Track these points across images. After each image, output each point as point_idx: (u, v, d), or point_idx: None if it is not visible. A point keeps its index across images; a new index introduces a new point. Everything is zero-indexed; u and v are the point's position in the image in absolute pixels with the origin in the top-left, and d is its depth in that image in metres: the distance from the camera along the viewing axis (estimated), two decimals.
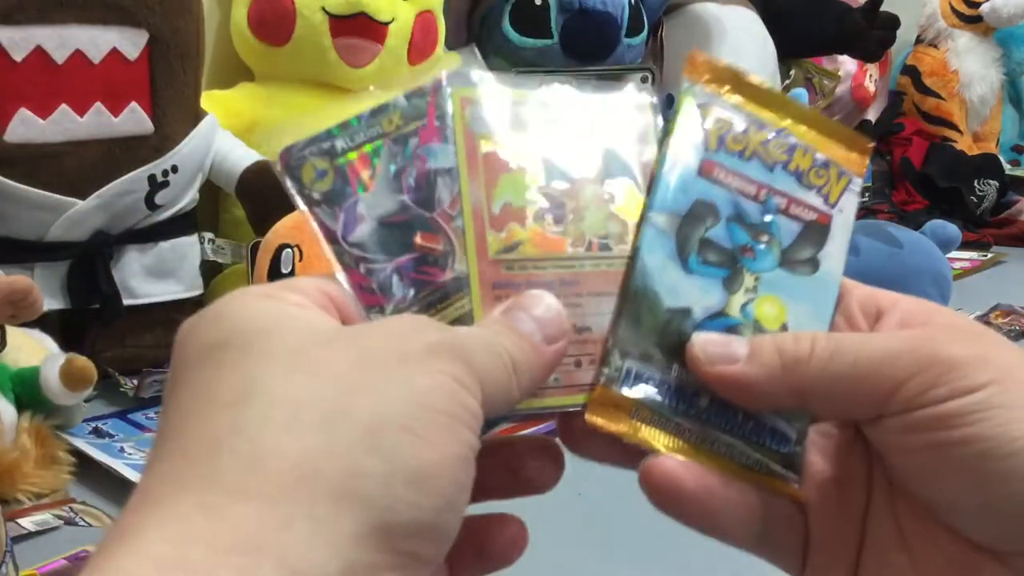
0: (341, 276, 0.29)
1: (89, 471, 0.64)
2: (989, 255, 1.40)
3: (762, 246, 0.33)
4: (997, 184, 1.57)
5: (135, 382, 0.79)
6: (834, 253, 0.34)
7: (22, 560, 0.51)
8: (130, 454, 0.67)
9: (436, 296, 0.30)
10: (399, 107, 0.30)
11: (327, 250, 0.30)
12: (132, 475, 0.62)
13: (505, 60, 1.28)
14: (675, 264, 0.32)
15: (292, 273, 0.61)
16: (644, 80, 1.26)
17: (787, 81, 1.52)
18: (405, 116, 0.30)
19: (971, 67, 1.80)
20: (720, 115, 0.34)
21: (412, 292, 0.30)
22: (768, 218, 0.34)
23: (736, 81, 0.34)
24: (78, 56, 0.79)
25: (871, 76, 1.76)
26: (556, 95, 0.33)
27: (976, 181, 1.56)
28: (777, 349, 0.30)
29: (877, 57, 1.60)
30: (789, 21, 1.48)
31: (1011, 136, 1.97)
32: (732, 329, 0.32)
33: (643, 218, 0.32)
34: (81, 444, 0.67)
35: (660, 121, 0.34)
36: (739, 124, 0.34)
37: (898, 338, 0.30)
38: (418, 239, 0.30)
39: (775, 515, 0.31)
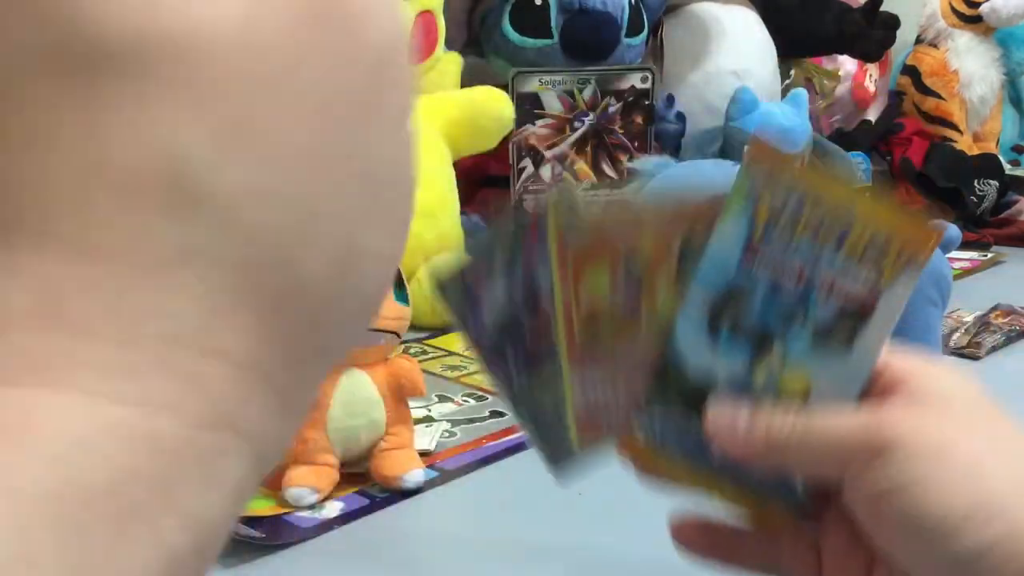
0: (481, 365, 0.38)
1: None
2: (989, 255, 1.40)
3: (795, 328, 0.35)
4: (997, 184, 1.57)
5: None
6: (875, 332, 0.35)
7: None
8: None
9: (542, 379, 0.38)
10: (507, 235, 0.37)
11: (473, 352, 0.38)
12: None
13: (505, 60, 1.28)
14: (705, 339, 0.36)
15: None
16: (644, 80, 1.26)
17: (787, 81, 1.52)
18: (515, 237, 0.37)
19: (971, 67, 1.80)
20: (773, 200, 0.34)
21: (527, 375, 0.38)
22: (807, 300, 0.35)
23: (796, 165, 0.35)
24: None
25: (871, 76, 1.76)
26: (633, 200, 0.39)
27: (976, 181, 1.56)
28: (766, 427, 0.35)
29: (877, 57, 1.60)
30: (789, 21, 1.48)
31: (1011, 136, 1.97)
32: (753, 395, 0.36)
33: (681, 293, 0.36)
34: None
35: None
36: (793, 205, 0.34)
37: (852, 420, 0.34)
38: (527, 337, 0.37)
39: (790, 562, 0.37)
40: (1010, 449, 0.34)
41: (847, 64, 1.71)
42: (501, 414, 0.76)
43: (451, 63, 1.24)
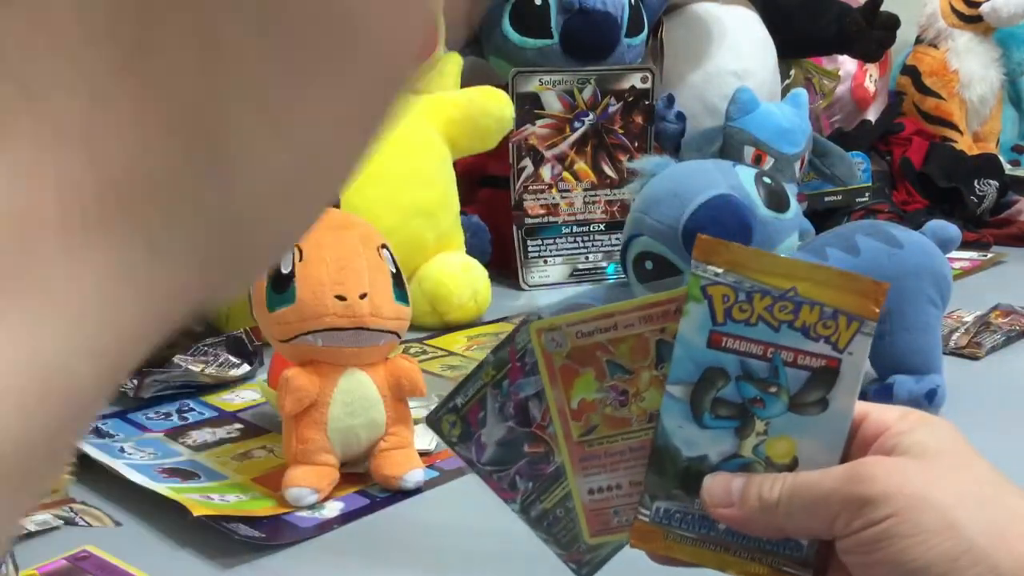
0: (485, 483, 0.42)
1: (89, 471, 0.64)
2: (989, 255, 1.40)
3: (771, 396, 0.38)
4: (997, 184, 1.57)
5: (135, 382, 0.79)
6: (844, 392, 0.38)
7: (22, 560, 0.51)
8: (130, 454, 0.67)
9: (546, 483, 0.41)
10: (490, 362, 0.40)
11: (474, 471, 0.42)
12: (132, 475, 0.62)
13: (505, 60, 1.28)
14: (690, 423, 0.39)
15: (292, 273, 0.61)
16: (644, 80, 1.26)
17: (787, 81, 1.52)
18: (496, 367, 0.40)
19: (971, 67, 1.80)
20: (726, 290, 0.38)
21: (531, 484, 0.41)
22: (776, 372, 0.38)
23: (740, 255, 0.38)
24: None
25: (871, 76, 1.76)
26: (612, 312, 0.40)
27: (976, 181, 1.56)
28: (756, 493, 0.38)
29: (877, 57, 1.60)
30: (789, 21, 1.48)
31: (1011, 136, 1.97)
32: (745, 467, 0.39)
33: (662, 386, 0.39)
34: (81, 444, 0.67)
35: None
36: (743, 295, 0.38)
37: (832, 478, 0.37)
38: (526, 448, 0.41)
39: None
40: (987, 496, 0.36)
41: (847, 64, 1.71)
42: None
43: (451, 63, 1.24)
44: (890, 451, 0.37)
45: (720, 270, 0.38)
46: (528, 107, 1.21)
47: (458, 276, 1.04)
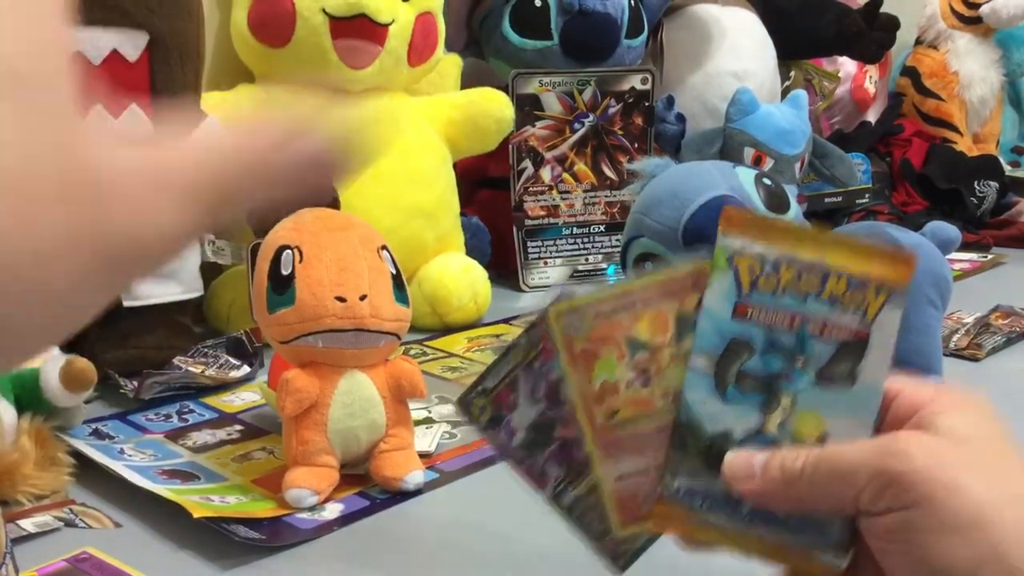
0: (515, 471, 0.41)
1: (89, 473, 0.64)
2: (989, 256, 1.40)
3: (797, 369, 0.37)
4: (997, 185, 1.57)
5: (135, 384, 0.79)
6: (874, 365, 0.37)
7: (22, 561, 0.51)
8: (130, 456, 0.67)
9: (577, 469, 0.40)
10: (521, 343, 0.40)
11: (503, 458, 0.41)
12: (132, 477, 0.62)
13: (505, 62, 1.28)
14: (714, 397, 0.38)
15: (292, 275, 0.61)
16: (644, 82, 1.26)
17: (787, 82, 1.52)
18: (528, 348, 0.40)
19: (971, 68, 1.80)
20: (751, 261, 0.37)
21: (562, 471, 0.40)
22: (802, 344, 0.37)
23: (767, 226, 0.37)
24: (78, 57, 0.79)
25: (871, 77, 1.76)
26: (631, 289, 0.39)
27: (976, 182, 1.56)
28: (779, 465, 0.36)
29: (877, 58, 1.60)
30: (789, 22, 1.48)
31: (1011, 137, 1.97)
32: (770, 444, 0.37)
33: (684, 360, 0.38)
34: (81, 446, 0.67)
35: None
36: (769, 266, 0.37)
37: (863, 450, 0.35)
38: (558, 432, 0.40)
39: None
40: (1018, 493, 0.34)
41: (847, 65, 1.71)
42: None
43: (451, 64, 1.24)
44: (925, 430, 0.35)
45: (746, 240, 0.37)
46: (528, 108, 1.22)
47: (458, 277, 1.04)
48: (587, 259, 1.25)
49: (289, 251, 0.61)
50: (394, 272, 0.63)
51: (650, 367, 0.39)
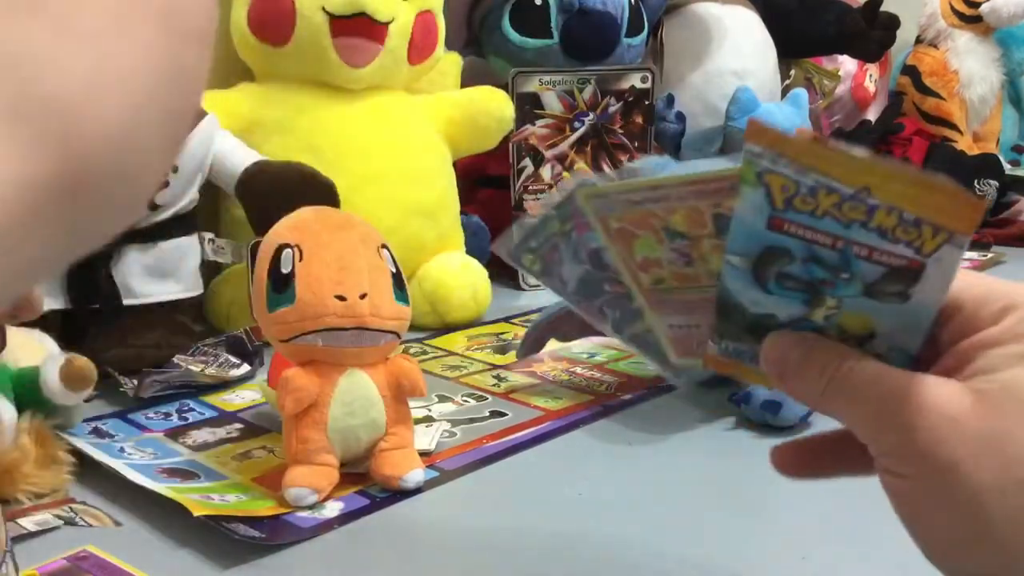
0: (575, 310, 0.42)
1: (89, 471, 0.64)
2: (989, 255, 1.40)
3: (842, 282, 0.34)
4: (997, 184, 1.57)
5: (135, 382, 0.79)
6: (929, 290, 0.33)
7: (22, 560, 0.51)
8: (130, 454, 0.67)
9: (631, 315, 0.41)
10: (553, 216, 0.40)
11: (562, 298, 0.43)
12: (132, 475, 0.62)
13: (505, 60, 1.28)
14: (755, 289, 0.35)
15: (292, 273, 0.61)
16: (644, 80, 1.26)
17: (787, 81, 1.52)
18: (560, 220, 0.40)
19: (971, 67, 1.80)
20: (784, 181, 0.32)
21: (618, 313, 0.41)
22: (847, 263, 0.33)
23: (802, 147, 0.32)
24: None
25: (871, 76, 1.76)
26: (660, 184, 0.38)
27: (976, 181, 1.56)
28: (818, 374, 0.35)
29: (877, 57, 1.60)
30: (789, 21, 1.48)
31: (1011, 136, 1.97)
32: (816, 330, 0.35)
33: (723, 252, 0.36)
34: (81, 444, 0.67)
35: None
36: (806, 189, 0.32)
37: (911, 391, 0.32)
38: (607, 288, 0.41)
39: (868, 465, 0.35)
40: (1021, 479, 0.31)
41: (847, 64, 1.71)
42: (501, 414, 0.76)
43: (451, 63, 1.24)
44: (966, 373, 0.33)
45: (776, 157, 0.32)
46: (528, 107, 1.22)
47: (458, 276, 1.04)
48: None
49: (289, 250, 0.61)
50: (394, 271, 0.63)
51: (691, 252, 0.37)
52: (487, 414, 0.77)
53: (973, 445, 0.31)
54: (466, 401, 0.80)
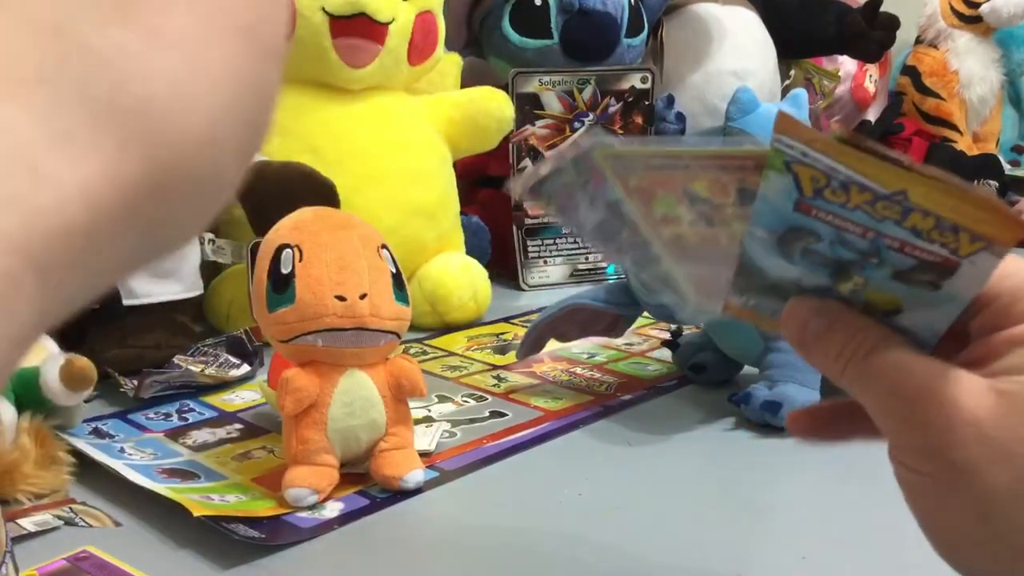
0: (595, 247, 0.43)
1: (89, 471, 0.64)
2: None
3: (871, 266, 0.33)
4: (997, 184, 1.57)
5: (135, 382, 0.79)
6: (960, 284, 0.32)
7: (22, 560, 0.51)
8: (130, 454, 0.67)
9: (649, 260, 0.40)
10: (571, 169, 0.39)
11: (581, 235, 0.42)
12: (132, 476, 0.62)
13: (505, 61, 1.28)
14: (779, 258, 0.35)
15: (292, 274, 0.61)
16: (644, 81, 1.26)
17: (787, 81, 1.52)
18: (577, 172, 0.39)
19: (971, 67, 1.80)
20: (815, 173, 0.31)
21: (638, 255, 0.40)
22: (877, 251, 0.32)
23: (834, 148, 0.31)
24: None
25: (871, 76, 1.76)
26: (681, 154, 0.37)
27: (976, 181, 1.56)
28: (839, 351, 0.34)
29: (877, 57, 1.60)
30: (789, 21, 1.48)
31: (1011, 136, 1.97)
32: (840, 300, 0.35)
33: (746, 222, 0.35)
34: (81, 444, 0.67)
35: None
36: (837, 183, 0.31)
37: (932, 387, 0.32)
38: (624, 235, 0.40)
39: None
40: None
41: (847, 64, 1.71)
42: (501, 414, 0.76)
43: (451, 63, 1.24)
44: (992, 368, 0.32)
45: (807, 150, 0.31)
46: (528, 107, 1.22)
47: (458, 276, 1.04)
48: (587, 258, 1.25)
49: (289, 250, 0.61)
50: (394, 271, 0.63)
51: (713, 216, 0.36)
52: (487, 414, 0.77)
53: (991, 450, 0.31)
54: (466, 401, 0.80)
